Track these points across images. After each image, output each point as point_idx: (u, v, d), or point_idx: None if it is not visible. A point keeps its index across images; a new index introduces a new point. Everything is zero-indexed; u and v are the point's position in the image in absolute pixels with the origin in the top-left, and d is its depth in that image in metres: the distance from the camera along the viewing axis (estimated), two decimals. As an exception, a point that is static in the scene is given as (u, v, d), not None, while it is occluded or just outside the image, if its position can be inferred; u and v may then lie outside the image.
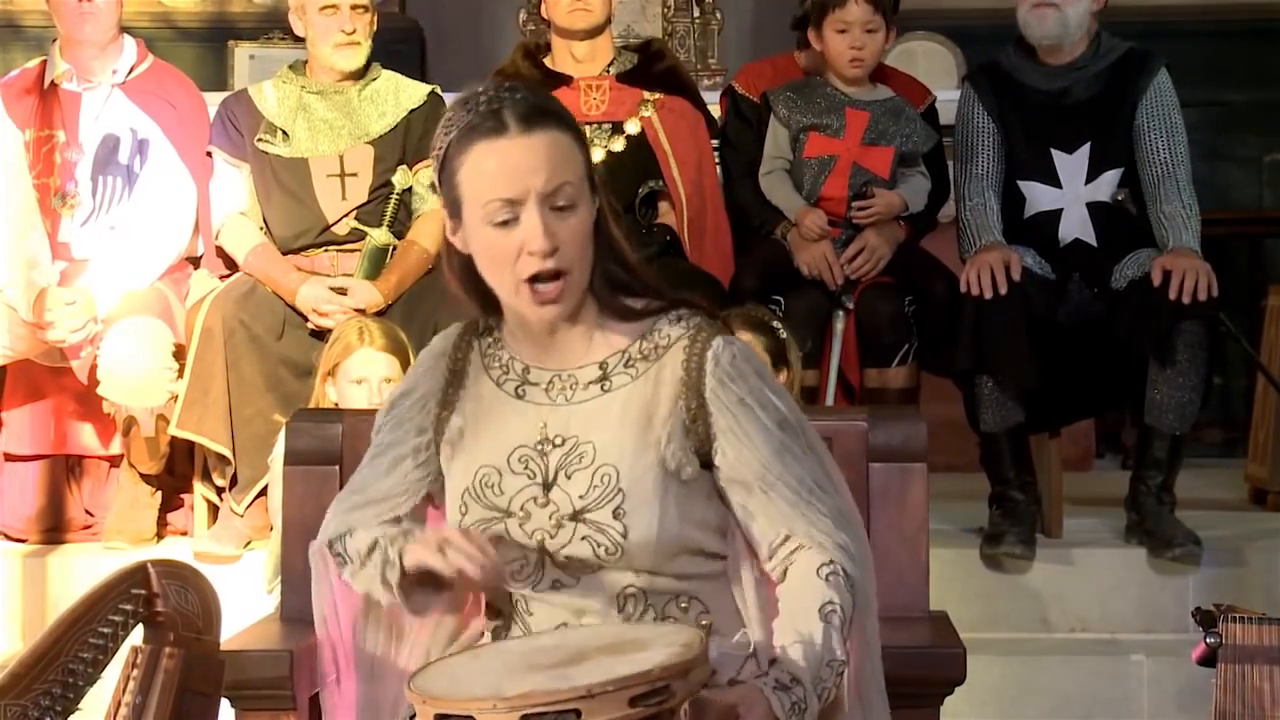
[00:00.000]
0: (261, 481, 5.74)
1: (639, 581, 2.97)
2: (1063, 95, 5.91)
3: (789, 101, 6.16)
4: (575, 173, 2.95)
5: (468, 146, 2.97)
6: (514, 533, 2.98)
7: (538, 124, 2.96)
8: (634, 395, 3.00)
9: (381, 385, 5.27)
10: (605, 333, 3.05)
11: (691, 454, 2.98)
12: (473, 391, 3.10)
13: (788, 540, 2.94)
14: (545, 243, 2.89)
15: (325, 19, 6.07)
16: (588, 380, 3.03)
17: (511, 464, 3.01)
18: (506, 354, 3.11)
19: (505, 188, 2.92)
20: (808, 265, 5.93)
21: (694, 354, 2.99)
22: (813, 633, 2.82)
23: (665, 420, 2.97)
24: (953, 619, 3.50)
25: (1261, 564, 5.79)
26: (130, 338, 5.89)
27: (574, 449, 2.99)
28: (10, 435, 6.24)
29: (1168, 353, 5.58)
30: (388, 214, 6.08)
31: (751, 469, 2.96)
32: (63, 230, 6.15)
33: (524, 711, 2.60)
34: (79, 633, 2.95)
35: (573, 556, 2.95)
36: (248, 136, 6.14)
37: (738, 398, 2.97)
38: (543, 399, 3.04)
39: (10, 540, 6.18)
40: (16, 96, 6.25)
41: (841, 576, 2.89)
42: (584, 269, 2.97)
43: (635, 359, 3.03)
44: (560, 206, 2.92)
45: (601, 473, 2.95)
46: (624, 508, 2.93)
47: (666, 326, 3.03)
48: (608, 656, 2.73)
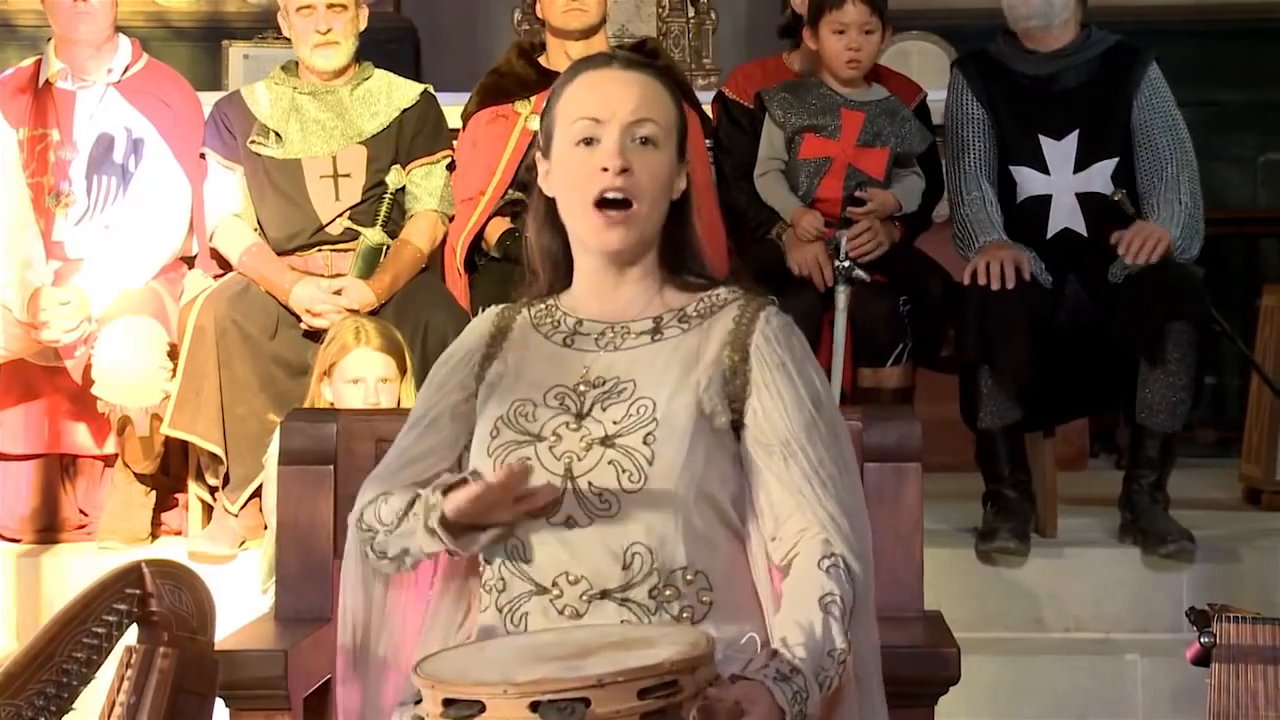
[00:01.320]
0: (255, 481, 5.75)
1: (648, 540, 2.96)
2: (1051, 82, 5.93)
3: (784, 102, 6.16)
4: (664, 117, 3.08)
5: (573, 77, 3.12)
6: (542, 456, 3.00)
7: (640, 67, 3.12)
8: (682, 343, 3.07)
9: (378, 385, 5.28)
10: (665, 294, 3.14)
11: (725, 405, 3.02)
12: (518, 342, 3.17)
13: (793, 518, 2.96)
14: (619, 161, 3.00)
15: (302, 19, 6.10)
16: (640, 330, 3.10)
17: (547, 399, 3.06)
18: (560, 311, 3.17)
19: (594, 107, 3.05)
20: (799, 265, 5.94)
21: (747, 312, 3.09)
22: (813, 623, 2.84)
23: (708, 366, 3.03)
24: (947, 619, 3.50)
25: (1256, 563, 5.80)
26: (124, 337, 5.90)
27: (614, 387, 3.04)
28: (4, 434, 6.24)
29: (1159, 352, 5.60)
30: (381, 214, 6.09)
31: (778, 432, 3.00)
32: (57, 229, 6.16)
33: (534, 698, 2.61)
34: (73, 632, 2.95)
35: (595, 483, 2.96)
36: (240, 139, 6.15)
37: (780, 360, 3.03)
38: (591, 347, 3.11)
39: (4, 540, 6.19)
40: (10, 95, 6.26)
41: (842, 569, 2.91)
42: (653, 209, 3.08)
43: (689, 315, 3.11)
44: (642, 139, 3.04)
45: (639, 403, 3.00)
46: (655, 434, 2.96)
47: (724, 293, 3.14)
48: (616, 651, 2.74)
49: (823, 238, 5.95)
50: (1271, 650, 3.58)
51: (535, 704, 2.62)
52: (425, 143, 6.20)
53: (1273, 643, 3.58)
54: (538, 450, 2.99)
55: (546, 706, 2.61)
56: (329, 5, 6.06)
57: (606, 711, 2.63)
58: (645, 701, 2.63)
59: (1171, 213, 5.74)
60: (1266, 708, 3.54)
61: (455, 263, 6.09)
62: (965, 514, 6.01)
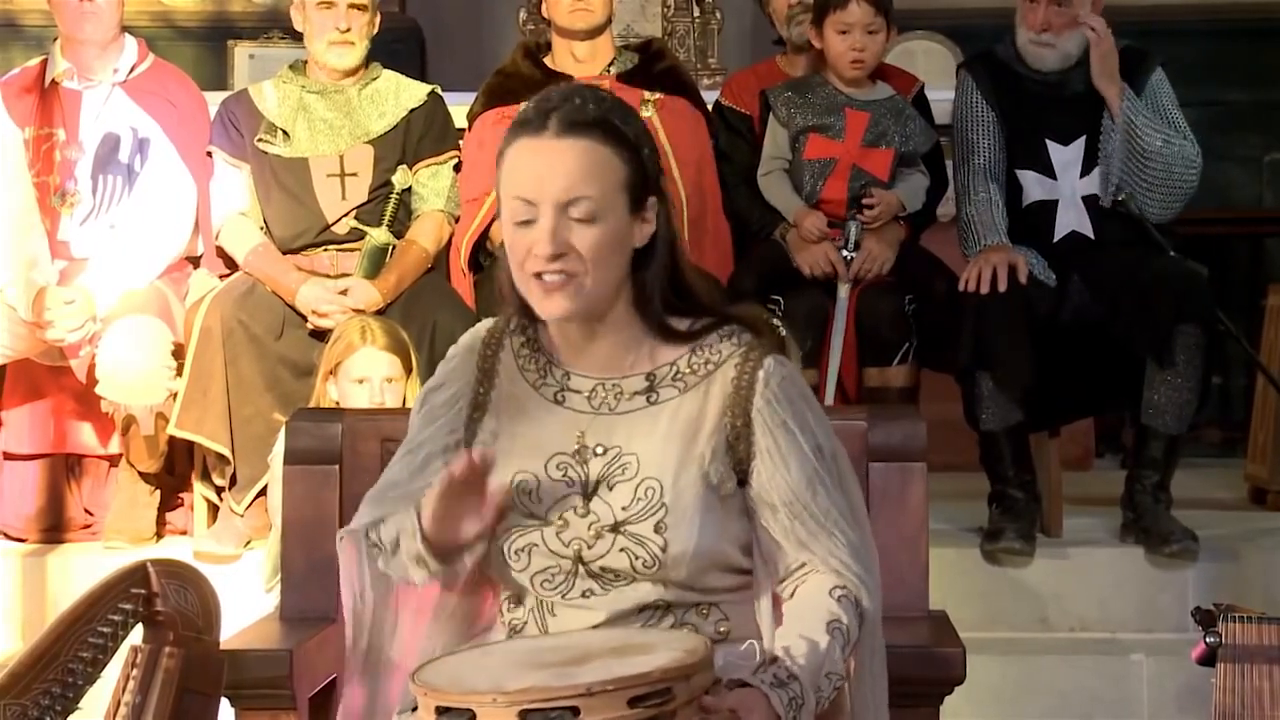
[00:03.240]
0: (261, 481, 5.75)
1: (667, 595, 2.97)
2: (1060, 86, 5.94)
3: (789, 101, 6.16)
4: (603, 187, 2.94)
5: (513, 140, 2.99)
6: (549, 541, 2.97)
7: (580, 133, 2.95)
8: (681, 409, 3.00)
9: (383, 385, 5.27)
10: (651, 346, 3.04)
11: (730, 471, 2.98)
12: (507, 392, 3.10)
13: (804, 567, 2.95)
14: (549, 249, 2.90)
15: (321, 15, 6.10)
16: (633, 390, 3.03)
17: (550, 470, 3.00)
18: (544, 358, 3.09)
19: (527, 187, 2.93)
20: (809, 266, 5.95)
21: (745, 372, 2.99)
22: (816, 640, 2.82)
23: (710, 436, 2.98)
24: (952, 618, 3.51)
25: (1261, 563, 5.80)
26: (129, 337, 5.90)
27: (616, 459, 2.98)
28: (9, 434, 6.25)
29: (1166, 354, 5.60)
30: (387, 214, 6.09)
31: (781, 493, 2.96)
32: (62, 229, 6.16)
33: (523, 707, 2.62)
34: (79, 632, 2.96)
35: (608, 567, 2.95)
36: (248, 136, 6.15)
37: (781, 420, 2.97)
38: (584, 406, 3.03)
39: (10, 540, 6.19)
40: (16, 95, 6.27)
41: (851, 602, 2.90)
42: (602, 277, 2.95)
43: (684, 373, 3.02)
44: (578, 218, 2.92)
45: (646, 486, 2.95)
46: (666, 521, 2.93)
47: (718, 342, 3.03)
48: (612, 658, 2.75)
49: (826, 238, 5.96)
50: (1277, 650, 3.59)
51: (524, 713, 2.63)
52: (432, 143, 6.21)
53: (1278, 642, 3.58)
54: (544, 536, 2.97)
55: (535, 715, 2.62)
56: (350, 4, 6.08)
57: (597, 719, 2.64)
58: (636, 710, 2.63)
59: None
60: (1272, 707, 3.55)
61: (460, 263, 6.10)
62: (970, 514, 6.00)
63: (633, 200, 2.97)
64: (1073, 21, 5.87)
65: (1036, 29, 5.89)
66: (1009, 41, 6.04)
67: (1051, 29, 5.88)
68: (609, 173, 2.95)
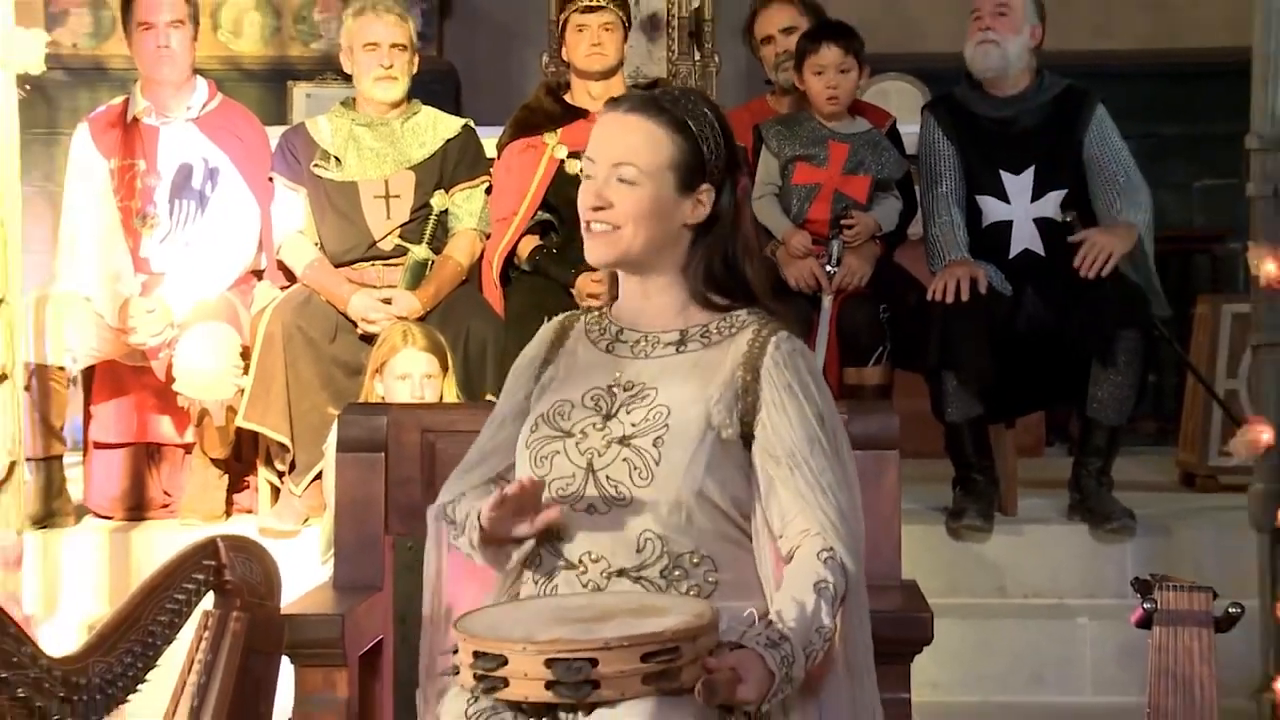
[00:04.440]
0: (317, 466, 5.76)
1: (657, 529, 2.97)
2: (1010, 124, 5.93)
3: (779, 134, 6.17)
4: (649, 158, 3.05)
5: (602, 113, 3.16)
6: (569, 450, 3.02)
7: (645, 113, 3.09)
8: (702, 358, 3.07)
9: (423, 381, 5.28)
10: (691, 310, 3.12)
11: (735, 419, 3.01)
12: (570, 348, 3.18)
13: (798, 519, 2.95)
14: (593, 200, 3.04)
15: (367, 55, 6.11)
16: (667, 341, 3.10)
17: (584, 400, 3.07)
18: (607, 320, 3.18)
19: (592, 148, 3.10)
20: (797, 279, 5.96)
21: (761, 337, 3.06)
22: (806, 602, 2.83)
23: (722, 383, 3.02)
24: (921, 587, 3.50)
25: (1191, 538, 5.80)
26: (202, 341, 5.91)
27: (639, 392, 3.05)
28: (98, 426, 6.26)
29: (1109, 356, 5.62)
30: (427, 232, 6.09)
31: (784, 445, 2.98)
32: (143, 247, 6.17)
33: (549, 655, 2.66)
34: (158, 599, 2.95)
35: (611, 477, 2.98)
36: (305, 163, 6.16)
37: (787, 382, 3.01)
38: (626, 353, 3.12)
39: (99, 518, 6.20)
40: (103, 130, 6.28)
41: (837, 563, 2.89)
42: (641, 236, 3.06)
43: (710, 332, 3.10)
44: (622, 179, 3.04)
45: (656, 410, 3.01)
46: (664, 438, 2.97)
47: (744, 315, 3.11)
48: (630, 618, 2.77)
49: (811, 254, 5.96)
50: (1204, 614, 3.58)
51: (550, 660, 2.66)
52: (466, 169, 6.21)
53: (1205, 608, 3.59)
54: (565, 445, 3.02)
55: (559, 663, 2.66)
56: (392, 44, 6.10)
57: (612, 671, 2.66)
58: (647, 664, 2.67)
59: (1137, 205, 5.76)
60: (1200, 664, 3.54)
61: (492, 275, 6.10)
62: (937, 495, 6.00)
63: (681, 179, 3.08)
64: (1015, 26, 5.87)
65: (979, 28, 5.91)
66: (965, 84, 6.03)
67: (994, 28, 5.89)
68: (659, 150, 3.06)
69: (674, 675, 2.69)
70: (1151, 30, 9.27)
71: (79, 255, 6.18)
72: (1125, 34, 9.15)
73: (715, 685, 2.67)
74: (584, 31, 6.18)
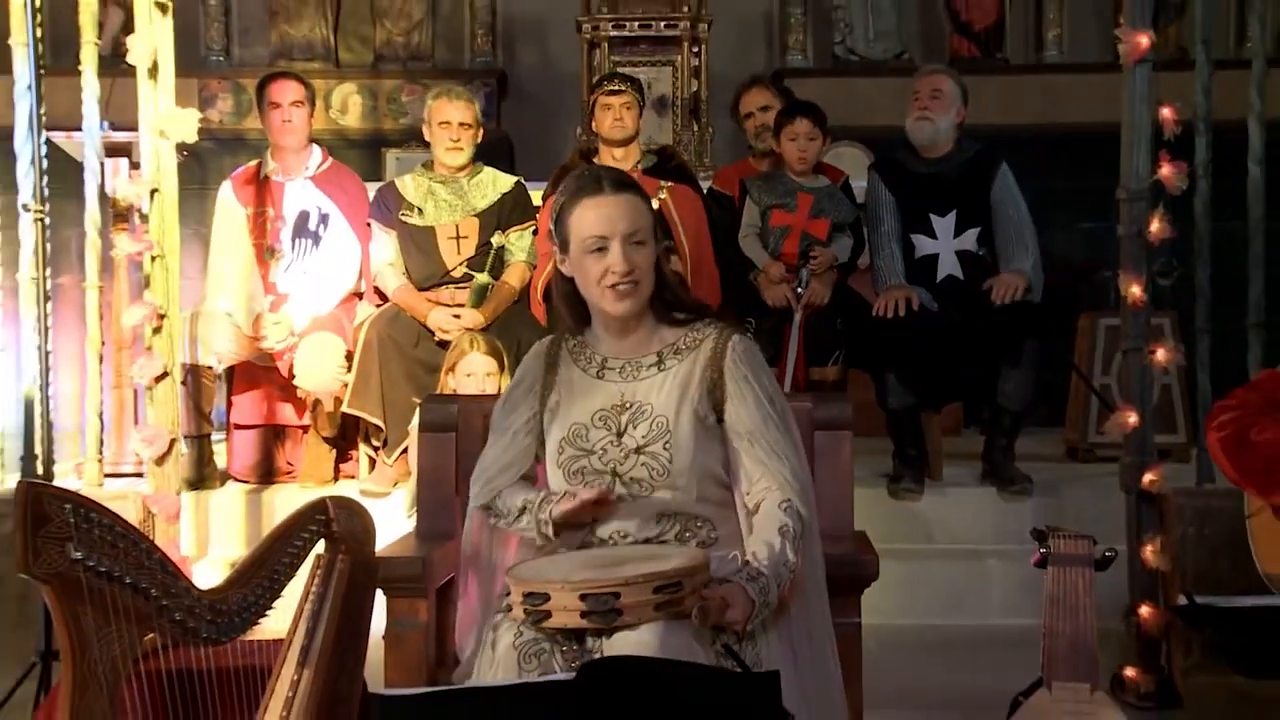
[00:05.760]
0: (404, 443, 5.76)
1: (673, 504, 3.00)
2: (937, 178, 5.92)
3: (759, 187, 6.19)
4: (644, 222, 3.05)
5: (576, 201, 3.07)
6: (594, 464, 3.03)
7: (623, 189, 3.07)
8: (679, 370, 3.07)
9: (485, 378, 5.28)
10: (660, 332, 3.13)
11: (711, 409, 3.04)
12: (565, 376, 3.15)
13: (761, 479, 2.98)
14: (624, 266, 3.01)
15: (441, 130, 6.11)
16: (649, 364, 3.10)
17: (594, 421, 3.06)
18: (589, 350, 3.16)
19: (600, 228, 3.02)
20: (773, 299, 5.98)
21: (720, 341, 3.08)
22: (773, 543, 2.88)
23: (698, 385, 3.04)
24: (869, 536, 3.49)
25: (1074, 498, 5.78)
26: (316, 346, 5.95)
27: (639, 409, 3.05)
28: (237, 411, 6.29)
29: (1013, 358, 5.64)
30: (488, 263, 6.09)
31: (744, 424, 3.01)
32: (272, 274, 6.19)
33: (582, 591, 2.70)
34: (282, 545, 2.95)
35: (635, 478, 3.00)
36: (394, 212, 6.16)
37: (743, 374, 3.04)
38: (617, 378, 3.10)
39: (238, 481, 6.21)
40: (242, 185, 6.30)
41: (794, 510, 2.93)
42: (648, 283, 3.07)
43: (681, 348, 3.10)
44: (636, 242, 3.02)
45: (657, 421, 3.02)
46: (671, 442, 2.99)
47: (703, 328, 3.12)
48: (643, 562, 2.82)
49: (784, 280, 5.96)
50: (1087, 557, 3.59)
51: (584, 595, 2.68)
52: (518, 215, 6.20)
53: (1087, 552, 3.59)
54: (590, 460, 3.04)
55: (590, 597, 2.69)
56: (460, 123, 6.09)
57: (631, 601, 2.69)
58: (659, 595, 2.71)
59: (1026, 261, 5.72)
60: (1083, 595, 3.55)
61: (537, 296, 6.09)
62: (881, 465, 5.99)
63: (655, 232, 3.09)
64: (945, 107, 5.86)
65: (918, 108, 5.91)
66: (902, 149, 6.02)
67: (930, 109, 5.88)
68: (646, 215, 3.07)
69: (678, 604, 2.71)
70: (1044, 108, 9.27)
71: (223, 281, 6.20)
72: (1024, 111, 9.15)
73: (709, 610, 2.72)
74: (609, 109, 6.18)
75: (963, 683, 4.71)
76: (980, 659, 4.94)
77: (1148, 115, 4.65)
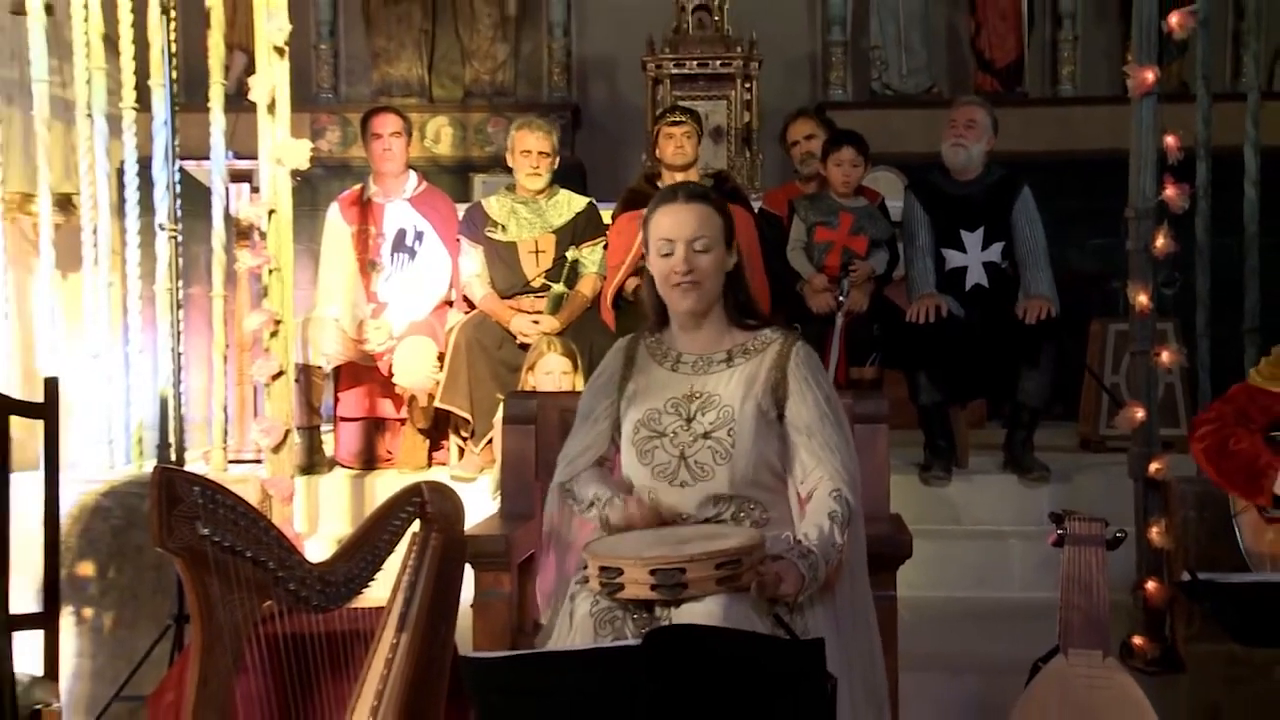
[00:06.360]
0: (489, 434, 5.77)
1: (728, 489, 2.99)
2: (967, 199, 5.86)
3: (805, 207, 6.16)
4: (711, 230, 3.05)
5: (656, 209, 3.11)
6: (665, 445, 3.03)
7: (695, 200, 3.07)
8: (746, 368, 3.07)
9: (561, 376, 5.28)
10: (730, 333, 3.13)
11: (773, 404, 3.03)
12: (642, 368, 3.16)
13: (815, 470, 2.98)
14: (684, 266, 3.02)
15: (522, 158, 6.11)
16: (719, 360, 3.10)
17: (667, 407, 3.06)
18: (665, 345, 3.16)
19: (669, 231, 3.06)
20: (818, 307, 5.96)
21: (785, 346, 3.09)
22: (823, 526, 2.87)
23: (762, 383, 3.04)
24: (904, 518, 3.47)
25: (1087, 485, 5.70)
26: (412, 348, 5.95)
27: (708, 399, 3.04)
28: (344, 405, 6.31)
29: (1033, 359, 5.58)
30: (563, 275, 6.08)
31: (803, 420, 3.01)
32: (373, 285, 6.21)
33: (652, 566, 2.70)
34: (382, 524, 2.96)
35: (699, 461, 2.99)
36: (481, 229, 6.16)
37: (804, 377, 3.05)
38: (689, 371, 3.10)
39: (344, 468, 6.23)
40: (347, 206, 6.33)
41: (843, 498, 2.93)
42: (712, 285, 3.07)
43: (749, 349, 3.10)
44: (700, 248, 3.02)
45: (723, 410, 3.01)
46: (734, 430, 2.99)
47: (769, 333, 3.13)
48: (706, 541, 2.81)
49: (827, 290, 5.94)
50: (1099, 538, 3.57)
51: (653, 570, 2.67)
52: (590, 232, 6.20)
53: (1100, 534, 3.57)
54: (662, 442, 3.04)
55: (659, 572, 2.69)
56: (539, 151, 6.09)
57: (695, 576, 2.68)
58: (720, 571, 2.70)
59: (1047, 281, 5.67)
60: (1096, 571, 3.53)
61: (607, 304, 6.10)
62: (913, 454, 5.93)
63: (726, 242, 3.08)
64: (978, 136, 5.82)
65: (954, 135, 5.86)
66: (936, 171, 5.98)
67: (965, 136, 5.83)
68: (715, 223, 3.07)
69: (737, 578, 2.71)
70: (1059, 136, 9.18)
71: (331, 291, 6.23)
72: (1042, 139, 9.06)
73: (765, 583, 2.72)
74: (671, 138, 6.18)
75: (987, 649, 4.68)
76: (1003, 628, 4.90)
77: (1153, 142, 4.63)
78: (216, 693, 2.69)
